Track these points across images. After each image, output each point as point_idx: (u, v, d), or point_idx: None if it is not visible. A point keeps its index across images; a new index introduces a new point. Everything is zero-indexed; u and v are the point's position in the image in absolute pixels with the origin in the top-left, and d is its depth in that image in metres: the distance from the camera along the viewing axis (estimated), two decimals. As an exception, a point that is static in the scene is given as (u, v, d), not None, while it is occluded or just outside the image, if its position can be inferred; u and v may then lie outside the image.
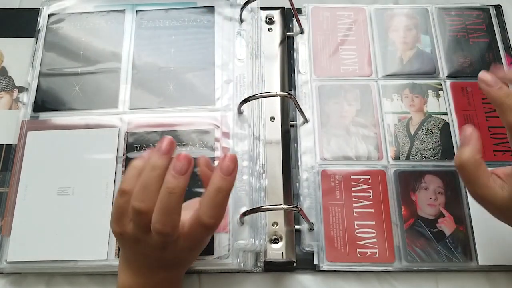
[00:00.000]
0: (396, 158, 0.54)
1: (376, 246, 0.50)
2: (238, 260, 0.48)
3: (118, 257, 0.48)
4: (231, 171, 0.37)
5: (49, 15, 0.61)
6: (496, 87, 0.42)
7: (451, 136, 0.55)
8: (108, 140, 0.53)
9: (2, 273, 0.50)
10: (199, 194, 0.46)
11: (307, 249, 0.50)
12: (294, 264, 0.49)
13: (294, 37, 0.61)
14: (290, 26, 0.62)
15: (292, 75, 0.59)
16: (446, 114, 0.56)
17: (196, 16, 0.60)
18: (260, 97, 0.52)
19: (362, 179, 0.53)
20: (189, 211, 0.39)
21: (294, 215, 0.51)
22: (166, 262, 0.41)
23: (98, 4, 0.61)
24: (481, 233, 0.50)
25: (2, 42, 0.62)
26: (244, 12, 0.59)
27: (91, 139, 0.53)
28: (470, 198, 0.51)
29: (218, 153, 0.52)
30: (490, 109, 0.56)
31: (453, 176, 0.53)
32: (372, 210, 0.51)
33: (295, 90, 0.58)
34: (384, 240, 0.50)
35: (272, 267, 0.50)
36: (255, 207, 0.48)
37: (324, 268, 0.49)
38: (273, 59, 0.59)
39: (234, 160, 0.38)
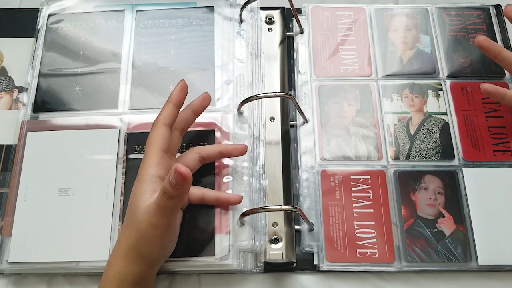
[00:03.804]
0: (396, 158, 0.54)
1: (376, 246, 0.50)
2: (238, 260, 0.48)
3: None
4: (181, 184, 0.39)
5: (49, 15, 0.61)
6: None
7: (451, 136, 0.55)
8: (108, 140, 0.53)
9: (2, 274, 0.50)
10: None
11: (307, 249, 0.50)
12: (294, 265, 0.49)
13: (294, 37, 0.61)
14: (290, 26, 0.62)
15: (292, 75, 0.59)
16: (446, 114, 0.56)
17: (196, 16, 0.60)
18: (260, 98, 0.52)
19: (362, 179, 0.53)
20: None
21: (294, 216, 0.51)
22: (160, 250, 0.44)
23: (97, 4, 0.61)
24: (481, 233, 0.50)
25: (2, 42, 0.62)
26: (244, 12, 0.59)
27: (91, 140, 0.53)
28: (469, 198, 0.51)
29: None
30: (490, 109, 0.56)
31: (452, 176, 0.53)
32: (372, 210, 0.51)
33: (295, 90, 0.58)
34: (384, 240, 0.50)
35: (272, 268, 0.50)
36: (255, 207, 0.48)
37: (324, 268, 0.49)
38: (273, 59, 0.59)
39: (186, 175, 0.38)
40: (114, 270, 0.43)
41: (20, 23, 0.63)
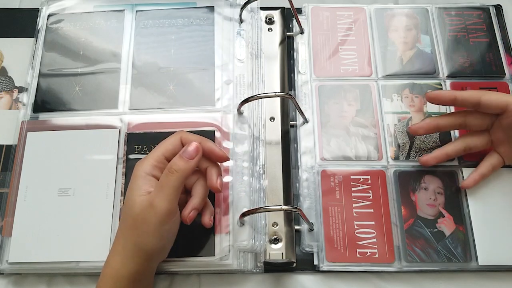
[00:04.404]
0: (396, 158, 0.54)
1: (376, 247, 0.50)
2: (238, 260, 0.48)
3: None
4: (193, 156, 0.42)
5: (49, 15, 0.61)
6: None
7: (450, 137, 0.55)
8: (108, 140, 0.53)
9: (2, 274, 0.50)
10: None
11: (307, 249, 0.50)
12: (294, 265, 0.49)
13: (294, 37, 0.61)
14: (290, 26, 0.62)
15: (292, 75, 0.59)
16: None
17: (196, 16, 0.60)
18: (260, 98, 0.52)
19: (361, 179, 0.53)
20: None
21: (294, 216, 0.51)
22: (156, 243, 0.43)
23: (97, 4, 0.61)
24: (481, 233, 0.50)
25: (2, 42, 0.62)
26: (244, 12, 0.59)
27: (91, 140, 0.53)
28: (469, 198, 0.51)
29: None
30: (490, 109, 0.56)
31: (452, 176, 0.53)
32: (372, 211, 0.51)
33: (295, 90, 0.58)
34: (384, 240, 0.50)
35: (272, 268, 0.50)
36: (255, 207, 0.48)
37: (324, 268, 0.49)
38: (273, 59, 0.59)
39: (200, 150, 0.43)
40: (111, 267, 0.43)
41: (20, 23, 0.63)
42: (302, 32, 0.61)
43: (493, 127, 0.50)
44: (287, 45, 0.60)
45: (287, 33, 0.61)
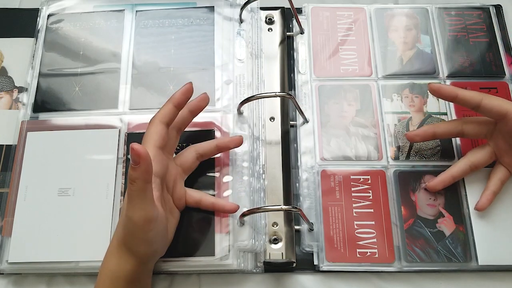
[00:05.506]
0: (396, 158, 0.54)
1: (376, 246, 0.50)
2: (238, 260, 0.48)
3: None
4: (137, 161, 0.37)
5: (49, 15, 0.61)
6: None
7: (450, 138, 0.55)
8: (108, 140, 0.53)
9: (2, 274, 0.50)
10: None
11: (307, 249, 0.50)
12: (294, 265, 0.49)
13: (294, 37, 0.61)
14: (290, 26, 0.62)
15: (292, 75, 0.59)
16: (446, 114, 0.56)
17: (196, 16, 0.60)
18: (260, 98, 0.52)
19: (361, 179, 0.53)
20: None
21: (294, 216, 0.51)
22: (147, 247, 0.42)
23: (97, 4, 0.61)
24: (481, 233, 0.50)
25: (2, 42, 0.62)
26: (244, 12, 0.59)
27: (91, 140, 0.53)
28: (469, 198, 0.51)
29: (218, 154, 0.52)
30: (490, 109, 0.56)
31: (452, 176, 0.53)
32: (372, 210, 0.51)
33: (295, 90, 0.58)
34: (384, 240, 0.50)
35: (272, 268, 0.50)
36: (255, 207, 0.48)
37: (324, 268, 0.49)
38: (273, 59, 0.59)
39: (140, 152, 0.37)
40: (108, 267, 0.43)
41: (20, 23, 0.63)
42: (302, 32, 0.61)
43: (493, 136, 0.50)
44: (287, 45, 0.60)
45: (287, 33, 0.61)
